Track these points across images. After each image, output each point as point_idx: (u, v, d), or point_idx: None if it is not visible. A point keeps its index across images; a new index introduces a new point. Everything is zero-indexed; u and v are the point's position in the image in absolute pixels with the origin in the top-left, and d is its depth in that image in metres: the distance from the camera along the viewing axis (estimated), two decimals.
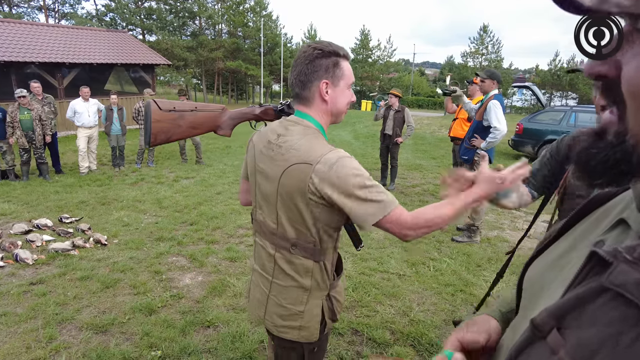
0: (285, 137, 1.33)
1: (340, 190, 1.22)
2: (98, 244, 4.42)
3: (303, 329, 1.40)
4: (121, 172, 7.95)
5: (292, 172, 1.27)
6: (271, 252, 1.40)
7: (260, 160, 1.39)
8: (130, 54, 15.95)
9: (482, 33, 37.48)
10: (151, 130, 1.58)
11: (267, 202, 1.38)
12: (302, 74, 1.32)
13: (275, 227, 1.36)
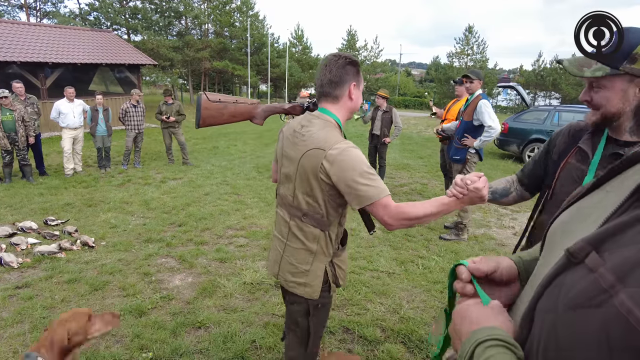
0: (308, 127, 1.63)
1: (342, 173, 1.49)
2: (85, 246, 4.36)
3: (307, 286, 1.69)
4: (107, 174, 7.85)
5: (310, 155, 1.57)
6: (287, 219, 1.72)
7: (286, 146, 1.71)
8: (115, 54, 15.75)
9: (468, 34, 37.88)
10: (201, 115, 1.93)
11: (288, 179, 1.70)
12: (335, 76, 1.60)
13: (292, 199, 1.68)
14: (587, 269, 0.51)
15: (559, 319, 0.53)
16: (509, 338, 0.60)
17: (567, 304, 0.52)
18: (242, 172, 8.28)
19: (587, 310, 0.49)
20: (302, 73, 36.52)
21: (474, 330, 0.64)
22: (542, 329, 0.56)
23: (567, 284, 0.54)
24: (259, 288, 3.58)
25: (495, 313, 0.67)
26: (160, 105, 8.69)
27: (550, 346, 0.54)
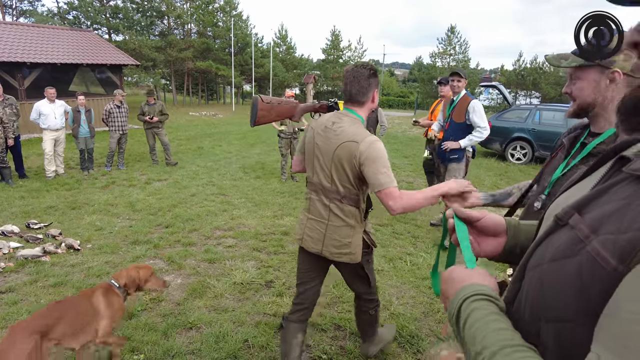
0: (339, 124, 1.99)
1: (371, 162, 1.87)
2: (71, 249, 4.29)
3: (351, 254, 2.08)
4: (91, 176, 7.72)
5: (344, 147, 1.93)
6: (326, 203, 2.06)
7: (318, 140, 2.05)
8: (96, 54, 15.47)
9: (450, 34, 38.37)
10: (257, 116, 2.25)
11: (323, 169, 2.03)
12: (363, 87, 1.99)
13: (330, 185, 2.03)
14: (569, 227, 0.58)
15: (544, 271, 0.60)
16: (491, 292, 0.67)
17: (551, 257, 0.59)
18: (228, 173, 8.24)
19: (566, 260, 0.56)
20: (286, 73, 36.43)
21: (459, 288, 0.70)
22: (531, 283, 0.63)
23: (553, 242, 0.61)
24: (249, 288, 3.58)
25: (478, 272, 0.74)
26: (143, 106, 8.58)
27: (536, 296, 0.61)
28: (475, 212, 0.87)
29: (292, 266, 4.02)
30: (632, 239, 0.49)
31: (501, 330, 0.59)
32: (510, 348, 0.56)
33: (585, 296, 0.52)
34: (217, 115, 23.17)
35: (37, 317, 2.08)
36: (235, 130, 16.48)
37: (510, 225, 0.87)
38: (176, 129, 15.84)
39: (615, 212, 0.53)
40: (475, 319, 0.63)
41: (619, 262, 0.49)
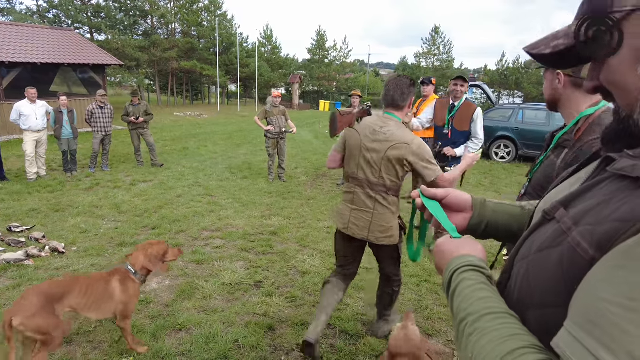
0: (387, 127, 2.38)
1: (420, 160, 2.31)
2: (55, 252, 4.21)
3: (392, 237, 2.48)
4: (74, 178, 7.58)
5: (396, 148, 2.31)
6: (372, 195, 2.43)
7: (367, 141, 2.40)
8: (77, 54, 15.19)
9: (434, 34, 38.76)
10: (337, 127, 2.67)
11: (372, 166, 2.40)
12: (404, 92, 2.39)
13: (377, 180, 2.40)
14: (555, 221, 0.63)
15: (531, 262, 0.65)
16: (479, 262, 0.71)
17: (538, 249, 0.64)
18: (214, 173, 8.19)
19: (550, 250, 0.60)
20: (271, 73, 36.32)
21: (449, 261, 0.74)
22: (519, 273, 0.67)
23: (540, 235, 0.65)
24: (238, 288, 3.57)
25: (466, 242, 0.78)
26: (127, 107, 8.46)
27: (523, 284, 0.65)
28: (441, 190, 0.92)
29: (281, 266, 4.03)
30: (609, 230, 0.52)
31: (486, 299, 0.63)
32: (493, 315, 0.60)
33: (566, 283, 0.55)
34: (202, 115, 22.97)
35: (52, 284, 2.35)
36: (220, 130, 16.37)
37: (476, 202, 0.91)
38: (161, 129, 15.66)
39: (596, 207, 0.56)
40: (462, 288, 0.67)
41: (596, 252, 0.52)
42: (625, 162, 0.57)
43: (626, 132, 0.60)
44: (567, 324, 0.51)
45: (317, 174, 8.56)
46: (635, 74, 0.56)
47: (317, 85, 40.68)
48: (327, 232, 5.03)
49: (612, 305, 0.46)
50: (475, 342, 0.59)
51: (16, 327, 2.10)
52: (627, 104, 0.59)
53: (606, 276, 0.48)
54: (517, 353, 0.54)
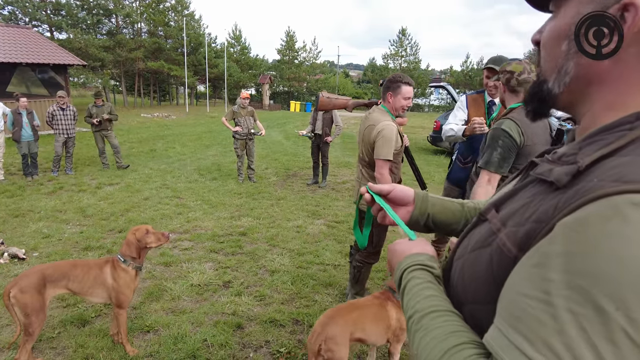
0: (372, 114, 2.91)
1: (379, 139, 2.74)
2: (15, 258, 4.09)
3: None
4: (35, 182, 7.32)
5: (369, 128, 2.84)
6: (360, 168, 3.06)
7: (361, 125, 2.99)
8: (36, 53, 14.63)
9: (401, 36, 39.50)
10: (319, 103, 3.36)
11: (359, 144, 3.00)
12: (383, 89, 2.91)
13: (362, 156, 2.99)
14: (487, 222, 0.68)
15: (466, 260, 0.69)
16: (428, 260, 0.76)
17: (472, 248, 0.69)
18: (182, 175, 8.10)
19: (482, 250, 0.65)
20: (241, 73, 36.04)
21: (400, 261, 0.79)
22: (455, 271, 0.72)
23: (474, 235, 0.70)
24: (207, 289, 3.59)
25: (416, 243, 0.82)
26: (90, 108, 8.25)
27: (459, 282, 0.70)
28: (386, 186, 0.97)
29: (250, 266, 4.06)
30: (528, 230, 0.56)
31: (432, 297, 0.68)
32: (437, 312, 0.65)
33: (495, 281, 0.60)
34: (170, 116, 22.54)
35: (48, 266, 2.54)
36: (189, 131, 16.14)
37: (418, 196, 0.96)
38: (127, 131, 15.29)
39: (520, 209, 0.61)
40: (411, 286, 0.72)
41: (518, 251, 0.57)
42: (544, 167, 0.62)
43: (537, 95, 0.66)
44: (496, 320, 0.55)
45: (287, 174, 8.61)
46: (560, 46, 0.61)
47: (287, 85, 40.68)
48: (296, 231, 5.10)
49: (531, 300, 0.50)
50: (421, 339, 0.63)
51: (11, 298, 2.34)
52: (546, 70, 0.65)
53: (525, 274, 0.52)
54: (456, 349, 0.58)
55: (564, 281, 0.47)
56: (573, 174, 0.55)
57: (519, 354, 0.49)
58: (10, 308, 2.37)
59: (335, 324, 2.13)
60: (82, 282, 2.54)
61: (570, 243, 0.48)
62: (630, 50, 0.56)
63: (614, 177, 0.49)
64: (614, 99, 0.58)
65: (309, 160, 8.65)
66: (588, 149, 0.57)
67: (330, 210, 5.98)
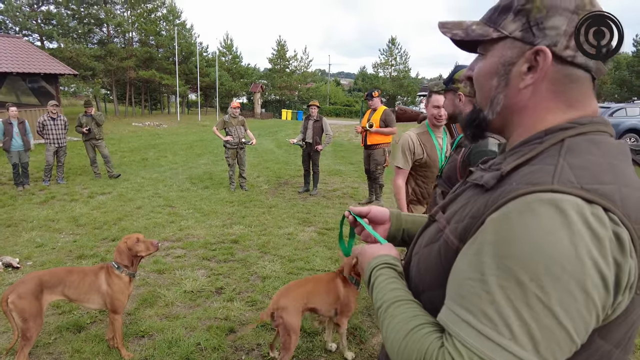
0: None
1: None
2: (9, 267, 4.14)
3: None
4: (26, 191, 7.35)
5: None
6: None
7: None
8: (27, 62, 14.63)
9: (391, 45, 40.00)
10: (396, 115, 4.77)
11: None
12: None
13: None
14: (435, 222, 0.83)
15: (421, 255, 0.84)
16: (392, 259, 0.89)
17: (424, 244, 0.84)
18: (174, 184, 8.17)
19: (432, 244, 0.80)
20: (232, 82, 36.18)
21: (369, 261, 0.92)
22: (413, 264, 0.87)
23: (427, 233, 0.85)
24: (199, 295, 3.68)
25: (383, 246, 0.96)
26: (80, 117, 8.31)
27: (415, 275, 0.84)
28: (365, 208, 1.13)
29: (242, 272, 4.16)
30: (466, 225, 0.70)
31: (396, 289, 0.81)
32: (400, 302, 0.78)
33: (444, 269, 0.72)
34: (161, 125, 22.56)
35: (45, 273, 2.63)
36: (181, 140, 16.20)
37: (392, 215, 1.13)
38: (119, 140, 15.31)
39: (460, 208, 0.76)
40: (379, 282, 0.85)
41: (460, 242, 0.70)
42: (477, 174, 0.78)
43: (475, 122, 0.81)
44: (446, 301, 0.67)
45: (279, 182, 8.72)
46: (491, 81, 0.76)
47: (279, 94, 40.89)
48: (287, 238, 5.20)
49: (471, 280, 0.62)
50: (387, 325, 0.74)
51: (9, 304, 2.42)
52: (481, 101, 0.79)
53: (466, 260, 0.65)
54: (417, 329, 0.69)
55: (494, 263, 0.61)
56: (498, 179, 0.70)
57: (465, 325, 0.61)
58: (8, 314, 2.45)
59: (287, 296, 2.54)
60: (77, 289, 2.63)
61: (497, 233, 0.62)
62: (542, 85, 0.71)
63: (526, 180, 0.64)
64: (532, 122, 0.74)
65: (300, 168, 8.77)
66: (510, 159, 0.73)
67: (320, 218, 6.10)
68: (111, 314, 2.71)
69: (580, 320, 0.57)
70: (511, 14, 0.72)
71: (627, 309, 0.62)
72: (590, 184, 0.60)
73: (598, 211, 0.58)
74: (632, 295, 0.61)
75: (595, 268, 0.56)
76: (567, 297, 0.56)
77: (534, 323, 0.56)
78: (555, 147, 0.67)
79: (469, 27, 0.78)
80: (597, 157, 0.64)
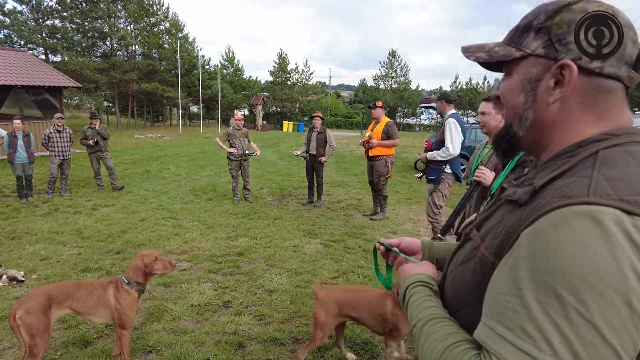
0: None
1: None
2: (14, 281, 4.09)
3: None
4: (30, 204, 7.32)
5: None
6: None
7: None
8: (31, 76, 14.75)
9: (391, 58, 40.31)
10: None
11: None
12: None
13: None
14: (471, 240, 0.82)
15: (456, 274, 0.83)
16: (428, 278, 0.89)
17: (460, 262, 0.83)
18: (178, 196, 8.15)
19: (468, 263, 0.79)
20: (234, 95, 36.42)
21: (404, 279, 0.92)
22: (449, 282, 0.86)
23: (463, 252, 0.84)
24: (207, 309, 3.63)
25: (420, 266, 0.97)
26: (86, 130, 8.33)
27: (451, 293, 0.84)
28: (396, 240, 1.16)
29: (250, 286, 4.11)
30: (502, 241, 0.70)
31: (431, 307, 0.81)
32: (436, 320, 0.77)
33: (479, 286, 0.72)
34: (164, 137, 22.64)
35: (53, 287, 2.61)
36: (183, 152, 16.23)
37: (424, 245, 1.14)
38: (121, 152, 15.34)
39: (495, 226, 0.75)
40: (414, 300, 0.85)
41: (495, 259, 0.70)
42: (510, 190, 0.77)
43: (506, 138, 0.82)
44: (483, 317, 0.67)
45: (282, 194, 8.70)
46: (518, 99, 0.76)
47: (280, 106, 41.13)
48: (293, 250, 5.16)
49: (507, 296, 0.62)
50: (423, 342, 0.74)
51: (17, 319, 2.39)
52: (510, 118, 0.80)
53: (502, 276, 0.65)
54: (453, 346, 0.68)
55: (530, 278, 0.59)
56: (531, 194, 0.69)
57: (503, 341, 0.60)
58: (16, 329, 2.41)
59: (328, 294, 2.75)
60: (85, 303, 2.60)
61: (532, 248, 0.61)
62: (572, 99, 0.71)
63: (560, 194, 0.63)
64: (564, 136, 0.73)
65: (303, 180, 8.76)
66: (542, 174, 0.72)
67: (326, 230, 6.06)
68: (119, 330, 2.66)
69: (627, 336, 0.55)
70: (532, 32, 0.74)
71: None
72: (629, 195, 0.59)
73: (639, 222, 0.57)
74: None
75: (639, 281, 0.54)
76: (611, 311, 0.54)
77: (576, 339, 0.55)
78: (589, 160, 0.67)
79: (492, 49, 0.79)
80: (634, 168, 0.63)
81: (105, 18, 26.69)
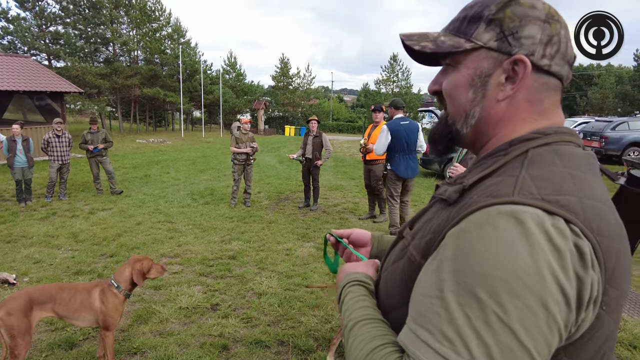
0: None
1: None
2: (5, 283, 4.13)
3: None
4: (28, 207, 7.39)
5: None
6: None
7: None
8: (34, 81, 14.88)
9: (392, 62, 40.37)
10: None
11: None
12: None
13: None
14: (402, 238, 0.81)
15: (388, 272, 0.82)
16: (365, 277, 0.87)
17: (392, 261, 0.81)
18: (175, 200, 8.19)
19: (398, 262, 0.78)
20: (236, 99, 36.55)
21: (342, 278, 0.90)
22: (382, 282, 0.84)
23: (395, 250, 0.83)
24: (194, 312, 3.65)
25: (361, 264, 0.94)
26: (85, 134, 8.40)
27: (383, 293, 0.82)
28: (346, 230, 1.15)
29: (239, 289, 4.13)
30: (429, 240, 0.68)
31: (364, 308, 0.79)
32: (367, 320, 0.75)
33: (406, 286, 0.69)
34: (165, 142, 22.75)
35: (35, 289, 2.63)
36: (184, 156, 16.30)
37: (374, 237, 1.13)
38: (122, 156, 15.42)
39: (425, 224, 0.74)
40: (348, 299, 0.83)
41: (422, 259, 0.68)
42: (442, 188, 0.75)
43: (447, 136, 0.77)
44: (407, 319, 0.64)
45: (279, 198, 8.72)
46: (466, 94, 0.72)
47: (282, 110, 41.22)
48: (286, 254, 5.18)
49: (430, 298, 0.60)
50: (351, 343, 0.71)
51: None
52: (454, 114, 0.75)
53: (427, 277, 0.63)
54: (378, 349, 0.66)
55: (452, 280, 0.58)
56: (460, 192, 0.68)
57: (424, 346, 0.58)
58: None
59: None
60: (68, 305, 2.61)
61: (456, 248, 0.60)
62: (519, 95, 0.69)
63: (487, 193, 0.62)
64: (505, 133, 0.71)
65: (301, 183, 8.76)
66: (474, 172, 0.71)
67: (320, 233, 6.07)
68: (103, 331, 2.69)
69: (542, 338, 0.54)
70: (482, 23, 0.70)
71: (592, 325, 0.59)
72: (551, 195, 0.58)
73: (559, 223, 0.56)
74: (597, 311, 0.59)
75: (555, 283, 0.54)
76: (527, 314, 0.53)
77: (494, 343, 0.54)
78: (518, 159, 0.65)
79: (437, 38, 0.74)
80: (559, 167, 0.63)
81: (108, 24, 26.90)
